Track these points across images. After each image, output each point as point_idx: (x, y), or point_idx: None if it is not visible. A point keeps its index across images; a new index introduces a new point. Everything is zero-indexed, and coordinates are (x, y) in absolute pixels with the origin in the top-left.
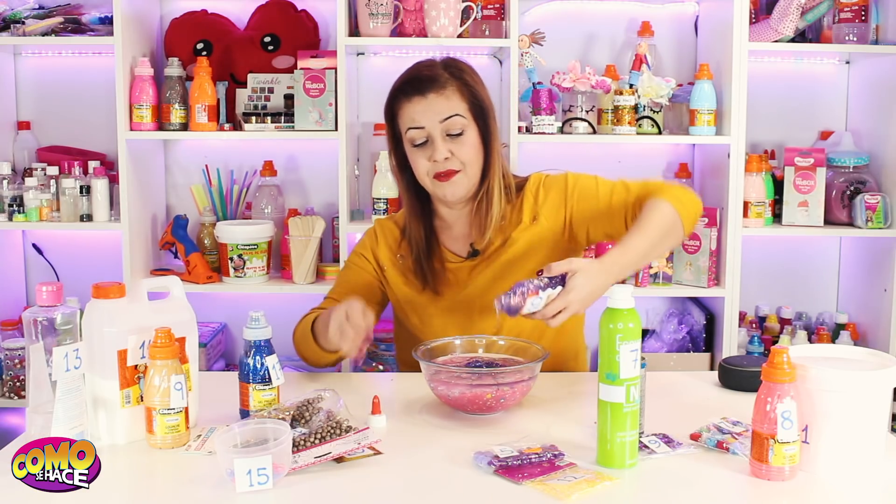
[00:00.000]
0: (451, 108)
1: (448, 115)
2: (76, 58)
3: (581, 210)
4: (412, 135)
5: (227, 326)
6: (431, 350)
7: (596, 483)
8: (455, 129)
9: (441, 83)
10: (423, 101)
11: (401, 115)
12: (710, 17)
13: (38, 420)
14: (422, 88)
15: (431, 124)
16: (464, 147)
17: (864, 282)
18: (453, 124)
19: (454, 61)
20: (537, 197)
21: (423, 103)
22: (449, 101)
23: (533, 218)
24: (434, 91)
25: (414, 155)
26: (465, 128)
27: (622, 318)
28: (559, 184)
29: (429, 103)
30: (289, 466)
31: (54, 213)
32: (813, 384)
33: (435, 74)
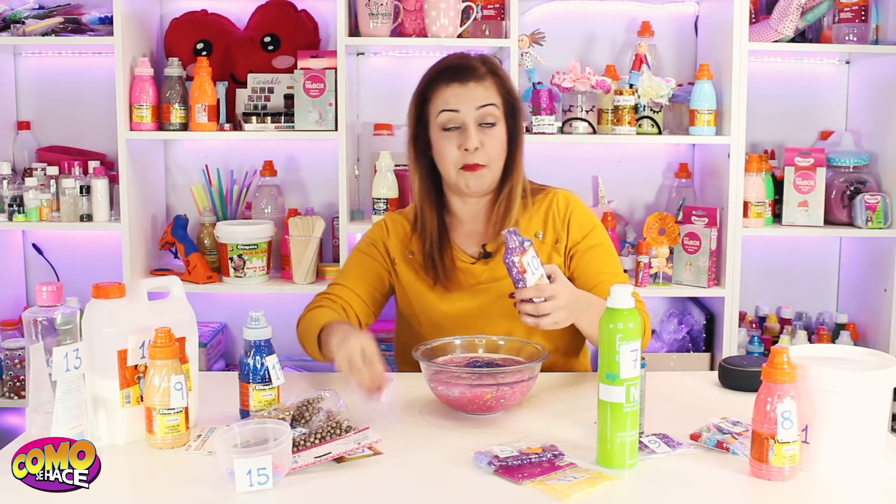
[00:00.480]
0: (488, 98)
1: (485, 102)
2: (76, 58)
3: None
4: (445, 117)
5: (227, 326)
6: (431, 350)
7: (596, 483)
8: (489, 119)
9: (480, 75)
10: (462, 87)
11: (434, 99)
12: (710, 17)
13: (38, 420)
14: (461, 76)
15: (467, 110)
16: (493, 140)
17: (864, 282)
18: (488, 113)
19: (490, 58)
20: (565, 222)
21: (462, 89)
22: (487, 92)
23: (555, 241)
24: (474, 80)
25: (442, 140)
26: (497, 121)
27: (622, 318)
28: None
29: (468, 90)
30: (289, 466)
31: (54, 213)
32: (813, 384)
33: (475, 66)
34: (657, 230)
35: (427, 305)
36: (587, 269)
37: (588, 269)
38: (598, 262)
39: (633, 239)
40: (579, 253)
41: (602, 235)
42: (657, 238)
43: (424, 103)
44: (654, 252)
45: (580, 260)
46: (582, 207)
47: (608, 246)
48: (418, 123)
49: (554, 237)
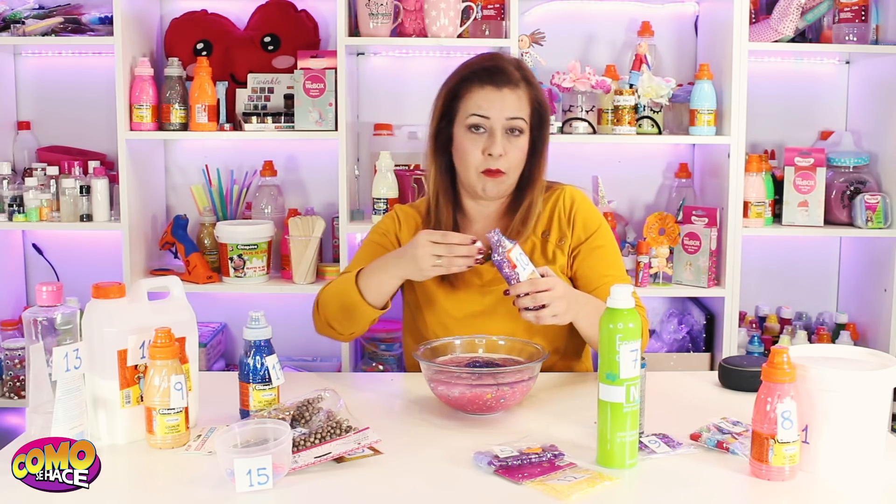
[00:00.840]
0: (519, 109)
1: (515, 115)
2: (76, 58)
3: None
4: (475, 120)
5: (227, 326)
6: (431, 350)
7: (596, 483)
8: (516, 129)
9: (515, 81)
10: (497, 92)
11: (467, 98)
12: (710, 17)
13: (38, 420)
14: (497, 81)
15: (498, 116)
16: (516, 150)
17: (864, 282)
18: (517, 124)
19: (523, 64)
20: (572, 222)
21: (496, 94)
22: (519, 102)
23: (560, 238)
24: (509, 87)
25: (467, 141)
26: (523, 131)
27: (622, 318)
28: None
29: (502, 96)
30: (289, 466)
31: (54, 213)
32: (813, 384)
33: (510, 71)
34: (657, 230)
35: (433, 301)
36: (590, 271)
37: (591, 271)
38: (601, 264)
39: (633, 239)
40: (583, 253)
41: (607, 236)
42: (657, 238)
43: (454, 99)
44: (654, 252)
45: (583, 261)
46: (588, 205)
47: (612, 247)
48: (443, 118)
49: (559, 235)
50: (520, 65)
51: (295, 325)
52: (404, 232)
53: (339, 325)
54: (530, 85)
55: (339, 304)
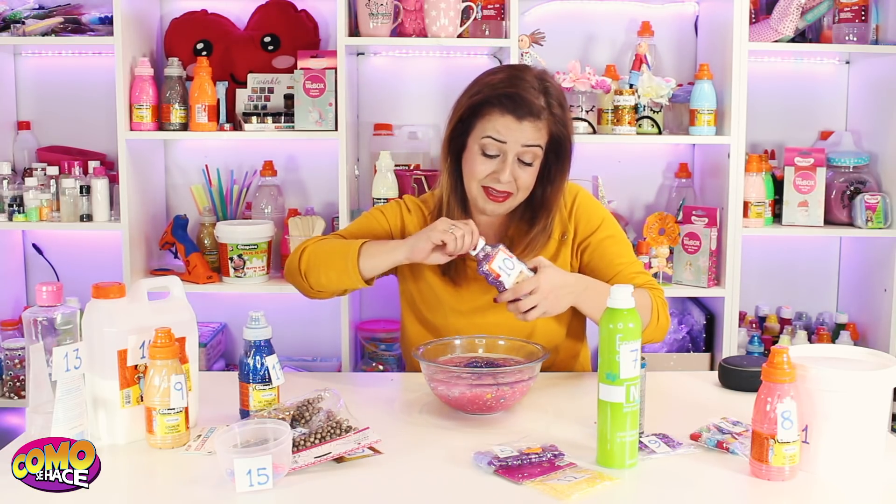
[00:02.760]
0: (536, 139)
1: (531, 143)
2: (76, 58)
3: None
4: (488, 143)
5: (227, 326)
6: (431, 350)
7: (596, 483)
8: (528, 158)
9: (536, 113)
10: (516, 123)
11: (486, 120)
12: (710, 17)
13: (38, 420)
14: (520, 112)
15: (513, 145)
16: (526, 174)
17: (864, 282)
18: (530, 151)
19: (552, 88)
20: (572, 216)
21: (515, 124)
22: (538, 133)
23: (562, 234)
24: (530, 120)
25: (477, 159)
26: (535, 159)
27: (622, 318)
28: (594, 224)
29: (521, 128)
30: (289, 466)
31: (54, 213)
32: (813, 384)
33: (536, 103)
34: (657, 230)
35: (430, 296)
36: (601, 262)
37: (602, 262)
38: (611, 254)
39: (633, 239)
40: (591, 247)
41: (612, 226)
42: (657, 238)
43: (473, 115)
44: (654, 252)
45: (593, 254)
46: (589, 200)
47: (620, 236)
48: (458, 128)
49: (561, 230)
50: (546, 90)
51: (295, 325)
52: (411, 219)
53: (316, 280)
54: (553, 116)
55: (331, 263)
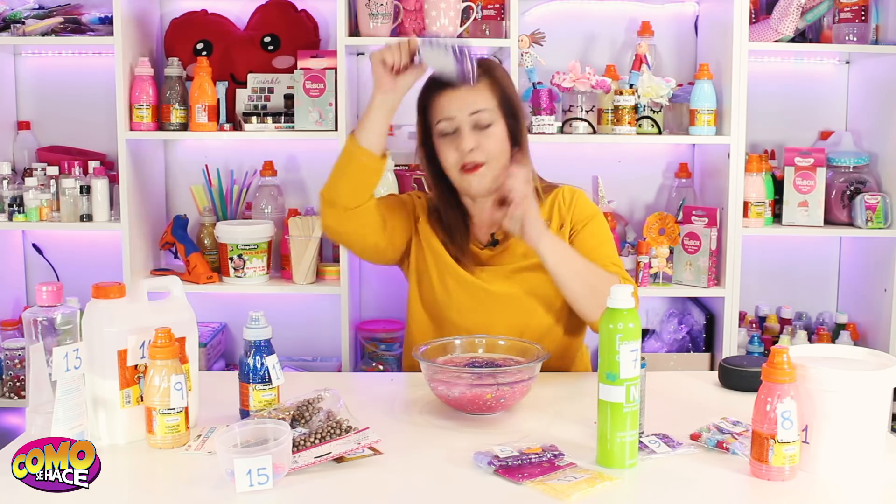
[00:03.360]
0: (480, 102)
1: (477, 108)
2: (76, 58)
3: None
4: (442, 126)
5: (227, 326)
6: (431, 350)
7: (596, 483)
8: (483, 122)
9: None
10: (454, 93)
11: (432, 108)
12: (710, 17)
13: (38, 420)
14: (453, 83)
15: (461, 115)
16: (490, 139)
17: (864, 282)
18: (481, 117)
19: (486, 60)
20: (570, 210)
21: (454, 95)
22: (479, 95)
23: (560, 225)
24: (466, 86)
25: (442, 146)
26: (493, 121)
27: (622, 318)
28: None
29: (459, 96)
30: (289, 466)
31: (54, 213)
32: (813, 384)
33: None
34: (657, 230)
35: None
36: (580, 247)
37: (581, 247)
38: (590, 245)
39: (633, 239)
40: (576, 233)
41: (600, 224)
42: (657, 238)
43: (424, 112)
44: (654, 252)
45: (575, 240)
46: (585, 200)
47: (604, 234)
48: (423, 131)
49: (559, 222)
50: (480, 62)
51: (295, 325)
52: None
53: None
54: (491, 77)
55: (339, 167)
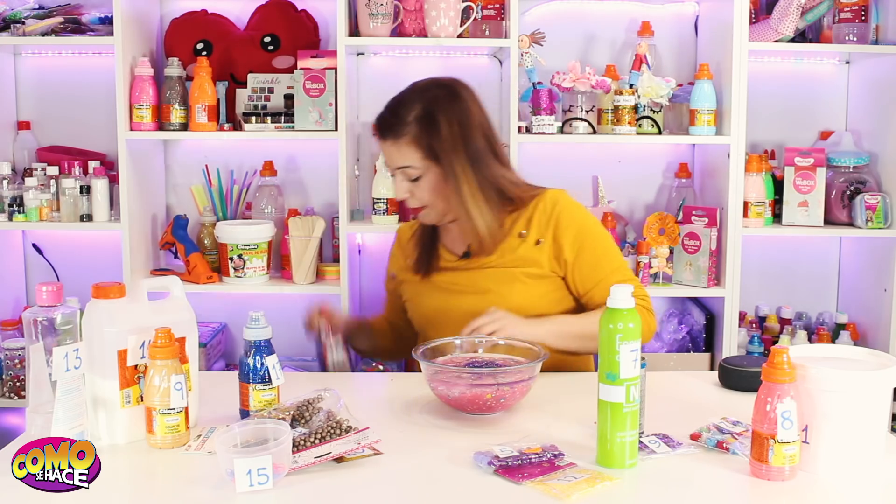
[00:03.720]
0: (402, 159)
1: (400, 165)
2: (76, 58)
3: (581, 265)
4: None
5: (227, 326)
6: (431, 350)
7: (596, 483)
8: (411, 176)
9: (396, 131)
10: (383, 144)
11: None
12: (710, 17)
13: (38, 420)
14: (381, 132)
15: (391, 165)
16: (420, 190)
17: (864, 282)
18: (408, 172)
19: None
20: (550, 222)
21: (383, 146)
22: (400, 152)
23: (537, 241)
24: (390, 139)
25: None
26: (421, 173)
27: (622, 318)
28: (573, 230)
29: (386, 148)
30: (289, 466)
31: (54, 213)
32: (813, 384)
33: (393, 120)
34: (657, 230)
35: (418, 298)
36: (584, 271)
37: (584, 271)
38: (590, 264)
39: (633, 239)
40: (571, 260)
41: (591, 233)
42: (657, 238)
43: None
44: (654, 252)
45: (576, 262)
46: (570, 207)
47: (599, 243)
48: None
49: (537, 236)
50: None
51: (295, 325)
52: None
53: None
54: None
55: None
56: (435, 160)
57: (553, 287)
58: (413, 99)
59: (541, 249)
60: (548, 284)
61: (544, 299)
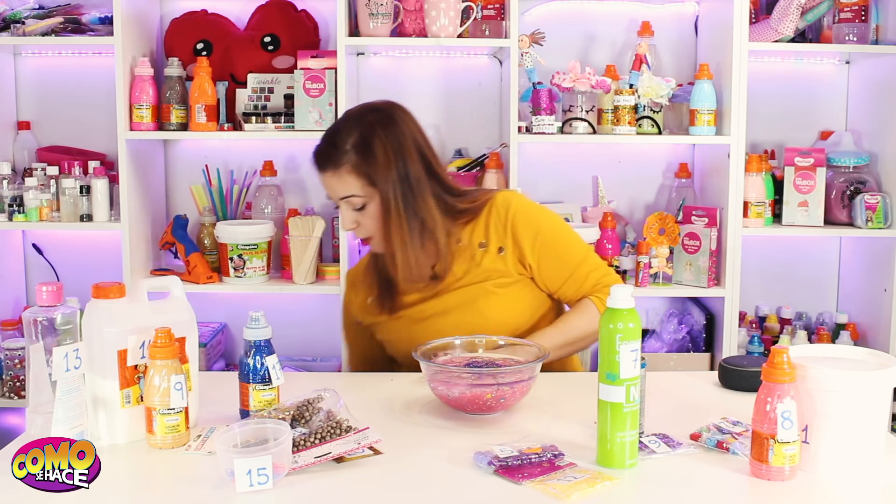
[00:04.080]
0: (345, 189)
1: (343, 195)
2: (76, 58)
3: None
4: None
5: (227, 326)
6: (431, 350)
7: (596, 483)
8: (356, 205)
9: (335, 161)
10: (323, 176)
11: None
12: (710, 17)
13: (38, 420)
14: (320, 164)
15: (335, 197)
16: (366, 218)
17: (864, 282)
18: (352, 201)
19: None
20: (507, 228)
21: (324, 178)
22: (342, 181)
23: (499, 249)
24: (330, 170)
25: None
26: (365, 202)
27: (622, 318)
28: (531, 233)
29: (327, 180)
30: (289, 466)
31: (54, 213)
32: (813, 384)
33: (331, 150)
34: (657, 230)
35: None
36: (551, 271)
37: (551, 271)
38: (554, 263)
39: (633, 239)
40: (535, 264)
41: (549, 231)
42: (657, 238)
43: None
44: (654, 252)
45: (541, 262)
46: (523, 209)
47: (560, 239)
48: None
49: (497, 244)
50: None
51: (295, 325)
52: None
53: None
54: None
55: None
56: (376, 187)
57: (525, 289)
58: (349, 127)
59: (504, 258)
60: (520, 289)
61: (520, 304)
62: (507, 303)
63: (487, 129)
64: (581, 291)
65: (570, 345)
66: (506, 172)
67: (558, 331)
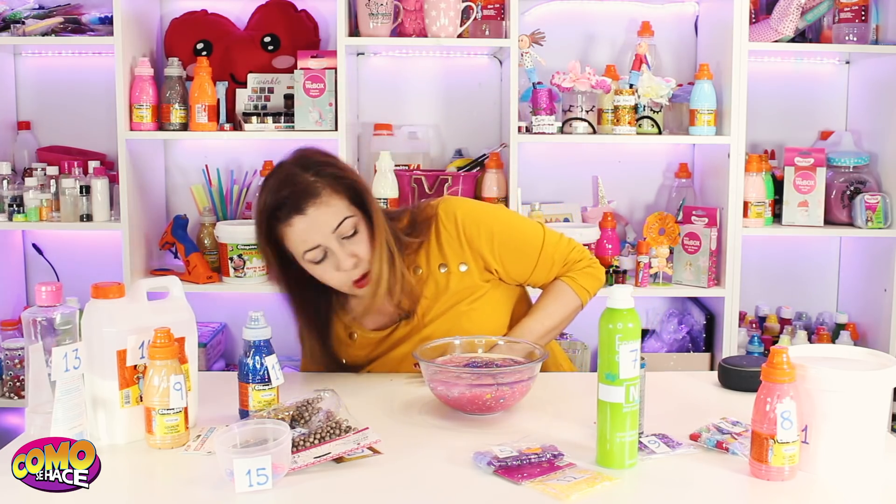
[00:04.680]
0: (336, 214)
1: (337, 222)
2: (76, 58)
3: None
4: (310, 256)
5: (227, 326)
6: (431, 350)
7: (595, 483)
8: (347, 232)
9: (313, 191)
10: (306, 219)
11: (287, 241)
12: (710, 17)
13: (38, 420)
14: (298, 206)
15: (325, 238)
16: (361, 244)
17: (864, 282)
18: (344, 229)
19: (310, 158)
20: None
21: (307, 221)
22: (330, 208)
23: (460, 266)
24: (312, 204)
25: (319, 271)
26: (355, 224)
27: (622, 318)
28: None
29: (312, 220)
30: (288, 466)
31: (54, 213)
32: (813, 384)
33: (303, 185)
34: (657, 230)
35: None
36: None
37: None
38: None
39: (633, 239)
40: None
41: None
42: (657, 238)
43: (277, 244)
44: (654, 252)
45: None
46: (468, 216)
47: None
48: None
49: (458, 262)
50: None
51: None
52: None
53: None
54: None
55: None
56: (358, 206)
57: (497, 292)
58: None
59: (469, 273)
60: (492, 295)
61: (497, 309)
62: (484, 314)
63: (487, 129)
64: (552, 274)
65: (550, 332)
66: (506, 172)
67: (538, 322)
